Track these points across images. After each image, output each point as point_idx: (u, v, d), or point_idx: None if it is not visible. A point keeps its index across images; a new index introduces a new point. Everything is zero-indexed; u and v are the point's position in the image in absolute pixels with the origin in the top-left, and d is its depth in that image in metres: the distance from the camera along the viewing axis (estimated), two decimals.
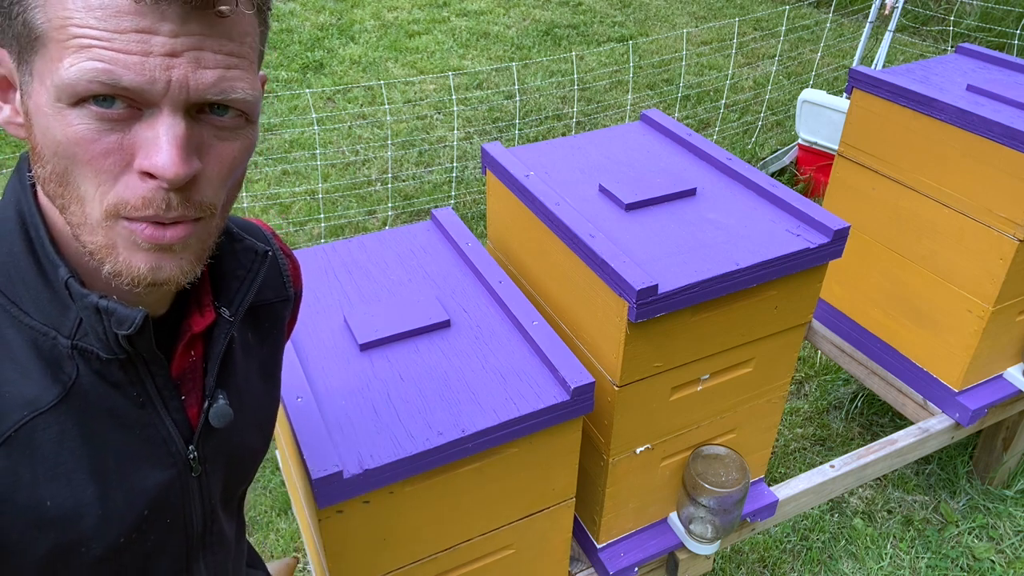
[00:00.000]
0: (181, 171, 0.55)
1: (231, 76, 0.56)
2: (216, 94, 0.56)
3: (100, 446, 0.63)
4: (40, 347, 0.60)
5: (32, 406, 0.59)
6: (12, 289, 0.60)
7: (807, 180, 3.67)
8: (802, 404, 2.63)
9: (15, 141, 3.96)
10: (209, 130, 0.58)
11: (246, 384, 0.77)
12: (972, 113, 1.70)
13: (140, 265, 0.58)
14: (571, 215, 1.34)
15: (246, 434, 0.78)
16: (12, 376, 0.59)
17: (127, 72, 0.52)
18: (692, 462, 1.46)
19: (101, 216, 0.57)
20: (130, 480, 0.65)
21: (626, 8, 6.08)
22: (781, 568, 2.13)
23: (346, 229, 3.46)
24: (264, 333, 0.82)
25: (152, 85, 0.53)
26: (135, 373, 0.64)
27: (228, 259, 0.72)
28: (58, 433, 0.60)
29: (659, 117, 1.70)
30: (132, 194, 0.56)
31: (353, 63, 5.02)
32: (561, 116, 4.39)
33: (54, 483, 0.60)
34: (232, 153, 0.60)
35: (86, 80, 0.52)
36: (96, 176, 0.55)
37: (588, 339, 1.35)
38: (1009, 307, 1.82)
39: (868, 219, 2.01)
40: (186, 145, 0.55)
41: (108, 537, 0.64)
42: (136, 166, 0.55)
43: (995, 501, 2.30)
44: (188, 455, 0.69)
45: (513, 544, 1.30)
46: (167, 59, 0.53)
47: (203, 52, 0.54)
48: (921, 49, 5.35)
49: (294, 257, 0.89)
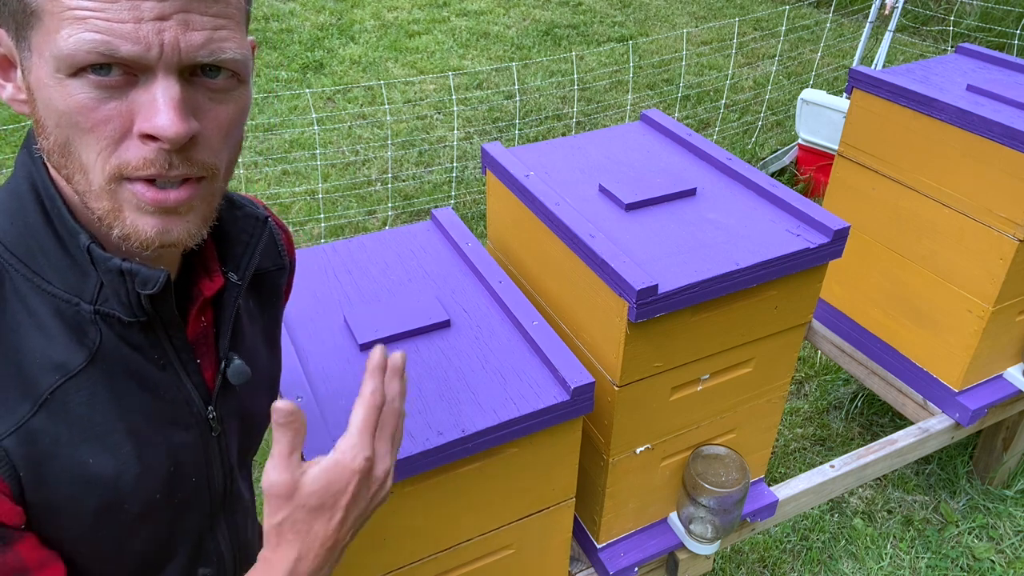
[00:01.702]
0: (181, 130, 0.56)
1: (219, 37, 0.58)
2: (206, 55, 0.57)
3: (129, 407, 0.66)
4: (63, 314, 0.62)
5: (62, 370, 0.62)
6: (33, 259, 0.62)
7: (807, 180, 3.67)
8: (802, 404, 2.63)
9: (14, 140, 3.96)
10: (203, 92, 0.59)
11: (253, 350, 0.81)
12: (972, 113, 1.70)
13: (147, 228, 0.60)
14: (571, 215, 1.34)
15: (256, 396, 0.82)
16: (40, 343, 0.61)
17: (123, 42, 0.54)
18: (692, 462, 1.46)
19: (104, 180, 0.58)
20: (159, 439, 0.68)
21: (626, 8, 6.08)
22: (781, 568, 2.13)
23: (346, 229, 3.46)
24: (265, 301, 0.86)
25: (148, 51, 0.55)
26: (155, 336, 0.67)
27: (231, 225, 0.75)
28: (89, 395, 0.63)
29: (659, 117, 1.70)
30: (131, 155, 0.57)
31: (353, 63, 5.02)
32: (561, 116, 4.39)
33: (92, 444, 0.63)
34: (227, 114, 0.62)
35: (84, 51, 0.54)
36: (97, 143, 0.57)
37: (588, 339, 1.35)
38: (1009, 307, 1.82)
39: (868, 219, 2.01)
40: (182, 106, 0.57)
41: (145, 493, 0.67)
42: (136, 130, 0.57)
43: (995, 501, 2.30)
44: (208, 415, 0.72)
45: (513, 544, 1.30)
46: (157, 23, 0.54)
47: (191, 15, 0.56)
48: (921, 49, 5.35)
49: (287, 228, 0.93)
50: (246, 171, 3.80)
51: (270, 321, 0.87)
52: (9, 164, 3.75)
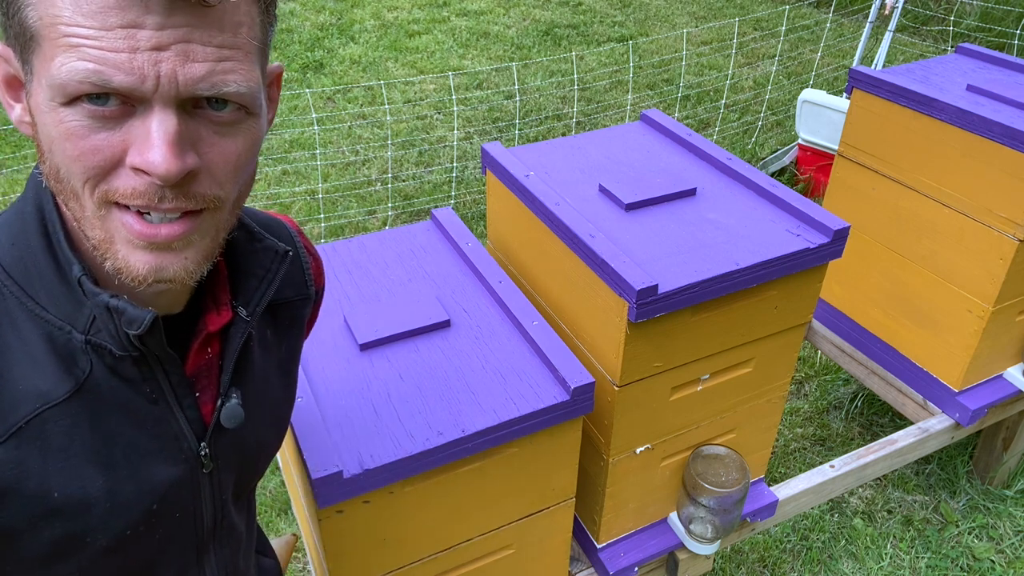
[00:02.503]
0: (173, 168, 0.54)
1: (222, 69, 0.55)
2: (207, 88, 0.54)
3: (111, 440, 0.63)
4: (55, 341, 0.61)
5: (44, 399, 0.60)
6: (30, 283, 0.61)
7: (807, 180, 3.67)
8: (802, 404, 2.63)
9: (14, 140, 3.96)
10: (207, 125, 0.57)
11: (263, 382, 0.77)
12: (972, 113, 1.70)
13: (139, 265, 0.58)
14: (571, 215, 1.34)
15: (260, 431, 0.78)
16: (27, 370, 0.60)
17: (117, 72, 0.51)
18: (692, 462, 1.46)
19: (95, 206, 0.56)
20: (140, 474, 0.65)
21: (626, 8, 6.08)
22: (781, 568, 2.13)
23: (346, 229, 3.46)
24: (283, 331, 0.82)
25: (142, 83, 0.52)
26: (148, 370, 0.64)
27: (247, 258, 0.72)
28: (68, 426, 0.61)
29: (659, 117, 1.70)
30: (123, 184, 0.55)
31: (353, 63, 5.03)
32: (561, 116, 4.39)
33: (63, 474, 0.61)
34: (236, 149, 0.59)
35: (76, 80, 0.52)
36: (85, 172, 0.55)
37: (588, 339, 1.35)
38: (1009, 307, 1.82)
39: (868, 219, 2.01)
40: (178, 141, 0.54)
41: (114, 528, 0.64)
42: (128, 162, 0.55)
43: (995, 501, 2.30)
44: (200, 452, 0.69)
45: (513, 544, 1.30)
46: (154, 53, 0.52)
47: (191, 45, 0.53)
48: (921, 49, 5.35)
49: (317, 255, 0.89)
50: None
51: (287, 352, 0.83)
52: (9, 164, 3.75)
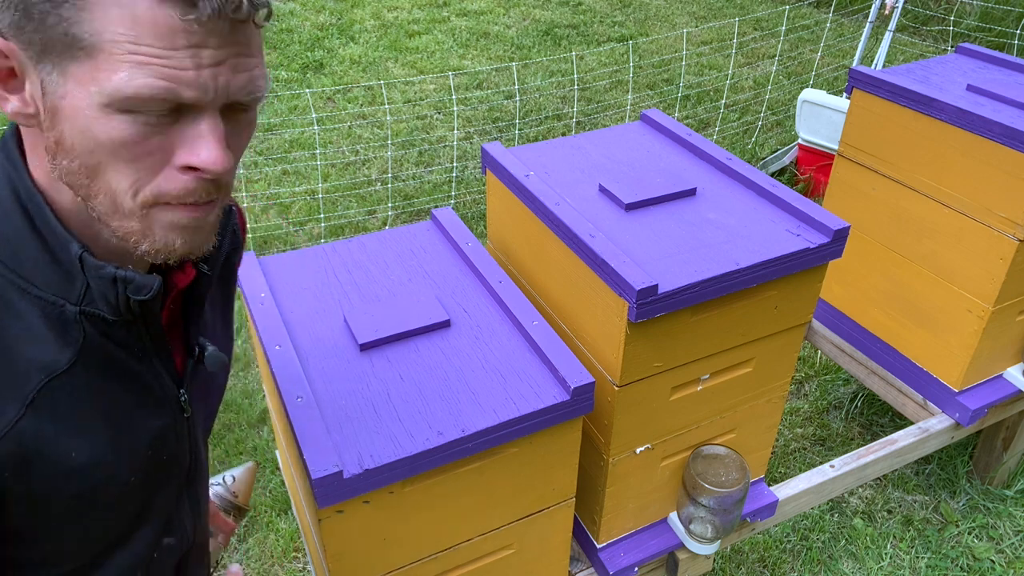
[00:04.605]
0: (227, 165, 0.62)
1: (256, 75, 0.63)
2: (246, 95, 0.63)
3: (110, 399, 0.69)
4: (48, 315, 0.65)
5: (49, 369, 0.65)
6: (18, 263, 0.64)
7: (807, 180, 3.67)
8: (802, 404, 2.63)
9: None
10: (232, 124, 0.65)
11: (213, 329, 0.87)
12: (972, 113, 1.70)
13: (177, 242, 0.65)
14: (571, 215, 1.34)
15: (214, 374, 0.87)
16: (28, 344, 0.64)
17: (186, 88, 0.58)
18: (692, 462, 1.46)
19: (136, 206, 0.62)
20: (136, 426, 0.72)
21: (626, 8, 6.08)
22: (781, 568, 2.13)
23: (346, 229, 3.46)
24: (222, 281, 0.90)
25: (205, 95, 0.60)
26: (136, 331, 0.70)
27: None
28: (73, 391, 0.66)
29: (659, 117, 1.70)
30: (172, 186, 0.62)
31: (353, 63, 5.02)
32: (561, 116, 4.39)
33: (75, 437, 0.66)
34: (244, 140, 0.68)
35: (147, 95, 0.57)
36: (135, 173, 0.61)
37: (588, 339, 1.35)
38: (1009, 307, 1.82)
39: (868, 219, 2.01)
40: (224, 140, 0.62)
41: (121, 479, 0.71)
42: (179, 161, 0.62)
43: (995, 501, 2.30)
44: (180, 398, 0.77)
45: (513, 544, 1.30)
46: (214, 69, 0.59)
47: (239, 59, 0.61)
48: (921, 49, 5.35)
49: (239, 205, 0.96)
50: (246, 171, 3.80)
51: (226, 300, 0.91)
52: None
